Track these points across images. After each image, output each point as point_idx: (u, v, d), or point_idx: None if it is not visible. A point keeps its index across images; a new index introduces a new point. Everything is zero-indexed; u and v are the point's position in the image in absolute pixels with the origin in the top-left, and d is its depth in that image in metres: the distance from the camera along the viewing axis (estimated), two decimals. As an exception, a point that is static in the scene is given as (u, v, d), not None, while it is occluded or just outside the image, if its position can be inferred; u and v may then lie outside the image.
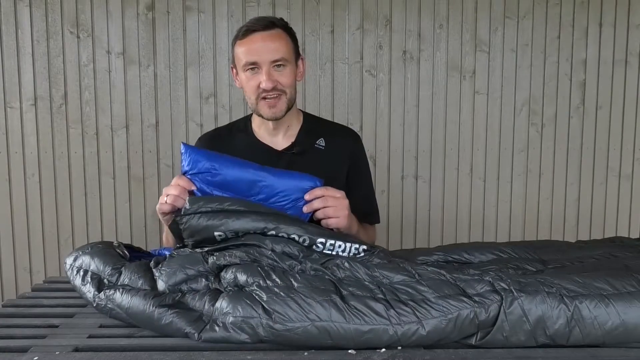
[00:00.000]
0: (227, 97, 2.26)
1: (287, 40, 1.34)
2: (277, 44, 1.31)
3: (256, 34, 1.30)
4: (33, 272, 2.28)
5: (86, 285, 1.05)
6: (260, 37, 1.30)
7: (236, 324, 0.87)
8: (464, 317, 0.86)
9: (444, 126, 2.34)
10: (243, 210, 1.10)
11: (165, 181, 2.27)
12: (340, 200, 1.20)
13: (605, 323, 0.85)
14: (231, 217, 1.09)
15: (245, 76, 1.33)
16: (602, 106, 2.38)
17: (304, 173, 1.22)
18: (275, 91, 1.31)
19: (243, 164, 1.19)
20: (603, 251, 1.13)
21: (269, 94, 1.31)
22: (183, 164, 1.20)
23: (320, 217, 1.20)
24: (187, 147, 1.21)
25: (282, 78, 1.32)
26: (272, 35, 1.31)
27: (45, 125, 2.22)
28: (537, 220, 2.43)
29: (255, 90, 1.32)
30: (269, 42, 1.30)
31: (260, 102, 1.33)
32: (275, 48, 1.30)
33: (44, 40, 2.19)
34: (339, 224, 1.20)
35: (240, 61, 1.32)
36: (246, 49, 1.31)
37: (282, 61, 1.31)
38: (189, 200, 1.11)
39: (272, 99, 1.32)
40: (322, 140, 1.44)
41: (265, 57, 1.29)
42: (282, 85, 1.32)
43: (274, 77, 1.31)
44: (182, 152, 1.21)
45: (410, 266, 1.00)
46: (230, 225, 1.08)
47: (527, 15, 2.31)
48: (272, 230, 1.08)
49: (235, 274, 0.97)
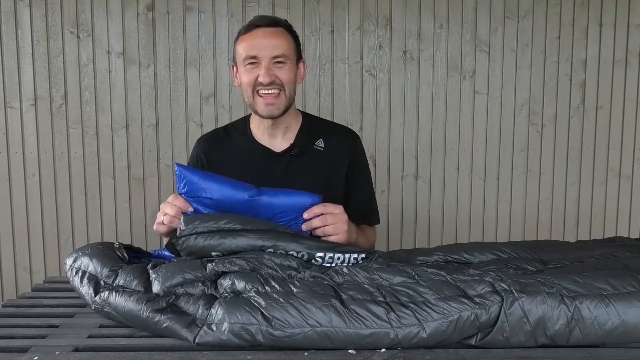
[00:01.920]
0: (227, 97, 2.26)
1: (289, 39, 1.34)
2: (278, 41, 1.31)
3: (259, 30, 1.31)
4: (33, 272, 2.28)
5: (84, 287, 1.05)
6: (262, 33, 1.30)
7: (234, 330, 0.85)
8: (464, 318, 0.85)
9: (444, 126, 2.34)
10: (240, 229, 1.08)
11: (165, 181, 2.28)
12: (339, 216, 1.19)
13: (605, 323, 0.85)
14: (227, 237, 1.07)
15: (244, 70, 1.32)
16: (602, 106, 2.38)
17: (302, 191, 1.20)
18: (273, 86, 1.30)
19: (239, 187, 1.16)
20: (603, 251, 1.13)
21: (267, 89, 1.30)
22: (178, 186, 1.18)
23: (320, 235, 1.19)
24: (180, 168, 1.18)
25: (280, 73, 1.31)
26: (275, 32, 1.31)
27: (45, 125, 2.22)
28: (537, 220, 2.43)
29: (252, 83, 1.31)
30: (270, 38, 1.30)
31: (257, 98, 1.32)
32: (277, 44, 1.30)
33: (44, 40, 2.19)
34: (339, 240, 1.19)
35: (241, 56, 1.32)
36: (247, 43, 1.31)
37: (282, 57, 1.30)
38: (183, 220, 1.08)
39: (270, 96, 1.31)
40: (321, 141, 1.43)
41: (266, 52, 1.29)
42: (281, 80, 1.31)
43: (273, 71, 1.30)
44: (176, 174, 1.18)
45: (410, 268, 1.00)
46: (227, 246, 1.06)
47: (527, 15, 2.31)
48: (269, 248, 1.07)
49: (233, 279, 0.96)
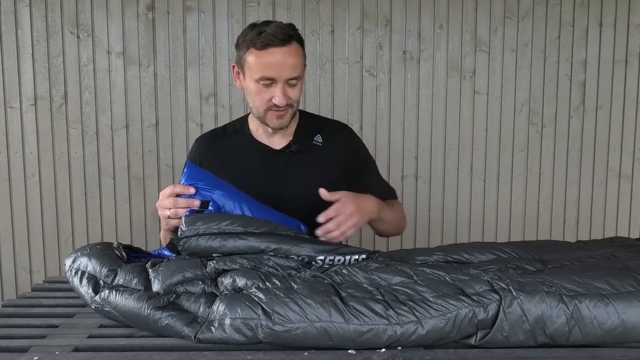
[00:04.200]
0: (227, 97, 2.26)
1: (302, 55, 1.32)
2: (294, 61, 1.28)
3: (275, 49, 1.26)
4: (33, 272, 2.28)
5: (83, 287, 1.05)
6: (280, 54, 1.26)
7: (234, 326, 0.86)
8: (462, 316, 0.86)
9: (444, 126, 2.34)
10: (241, 232, 1.08)
11: (165, 181, 2.28)
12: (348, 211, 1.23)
13: (604, 322, 0.85)
14: (229, 239, 1.07)
15: (256, 87, 1.30)
16: (602, 106, 2.39)
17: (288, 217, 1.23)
18: (286, 106, 1.31)
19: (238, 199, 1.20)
20: (603, 251, 1.13)
21: (280, 109, 1.31)
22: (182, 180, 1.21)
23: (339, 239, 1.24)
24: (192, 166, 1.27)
25: (293, 93, 1.31)
26: (291, 52, 1.28)
27: (45, 125, 2.22)
28: (537, 220, 2.43)
29: (266, 103, 1.31)
30: (288, 59, 1.27)
31: (269, 112, 1.33)
32: (293, 65, 1.28)
33: (44, 40, 2.19)
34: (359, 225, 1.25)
35: (254, 72, 1.29)
36: (264, 63, 1.27)
37: (296, 78, 1.30)
38: (185, 221, 1.08)
39: (281, 111, 1.32)
40: (319, 136, 1.44)
41: (283, 74, 1.27)
42: (292, 100, 1.32)
43: (287, 93, 1.30)
44: (184, 171, 1.23)
45: (408, 268, 1.00)
46: (228, 249, 1.07)
47: (527, 15, 2.31)
48: (271, 251, 1.07)
49: (234, 277, 0.97)
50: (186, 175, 1.21)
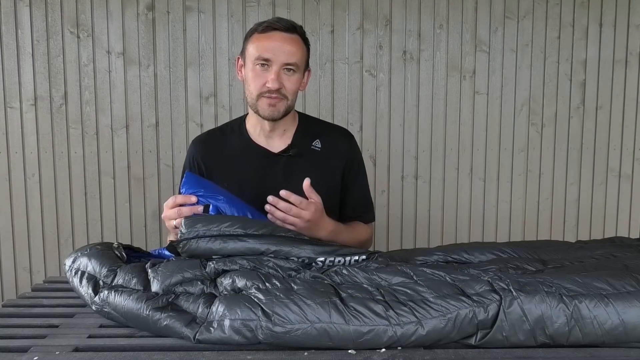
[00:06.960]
0: (227, 97, 2.26)
1: (303, 48, 1.34)
2: (293, 48, 1.31)
3: (276, 32, 1.30)
4: (33, 272, 2.28)
5: (83, 287, 1.05)
6: (280, 37, 1.30)
7: (234, 327, 0.86)
8: (462, 316, 0.86)
9: (444, 126, 2.34)
10: (241, 234, 1.08)
11: (165, 181, 2.28)
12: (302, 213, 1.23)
13: (604, 322, 0.85)
14: (229, 241, 1.07)
15: (253, 70, 1.32)
16: (602, 106, 2.39)
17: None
18: (278, 93, 1.31)
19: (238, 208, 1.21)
20: (603, 251, 1.13)
21: (272, 94, 1.31)
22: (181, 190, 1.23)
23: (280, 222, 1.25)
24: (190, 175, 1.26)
25: (288, 83, 1.32)
26: (291, 39, 1.31)
27: (45, 125, 2.22)
28: (537, 220, 2.43)
29: (260, 88, 1.32)
30: (286, 44, 1.30)
31: (261, 99, 1.33)
32: (291, 51, 1.30)
33: (44, 40, 2.19)
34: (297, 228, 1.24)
35: (252, 54, 1.31)
36: (263, 44, 1.30)
37: (293, 66, 1.31)
38: (184, 223, 1.08)
39: (274, 99, 1.32)
40: (318, 141, 1.43)
41: (279, 57, 1.29)
42: (286, 90, 1.32)
43: (282, 79, 1.31)
44: (183, 181, 1.24)
45: (409, 268, 1.00)
46: (228, 251, 1.07)
47: (527, 15, 2.31)
48: (271, 253, 1.07)
49: (234, 277, 0.97)
50: (186, 185, 1.22)
